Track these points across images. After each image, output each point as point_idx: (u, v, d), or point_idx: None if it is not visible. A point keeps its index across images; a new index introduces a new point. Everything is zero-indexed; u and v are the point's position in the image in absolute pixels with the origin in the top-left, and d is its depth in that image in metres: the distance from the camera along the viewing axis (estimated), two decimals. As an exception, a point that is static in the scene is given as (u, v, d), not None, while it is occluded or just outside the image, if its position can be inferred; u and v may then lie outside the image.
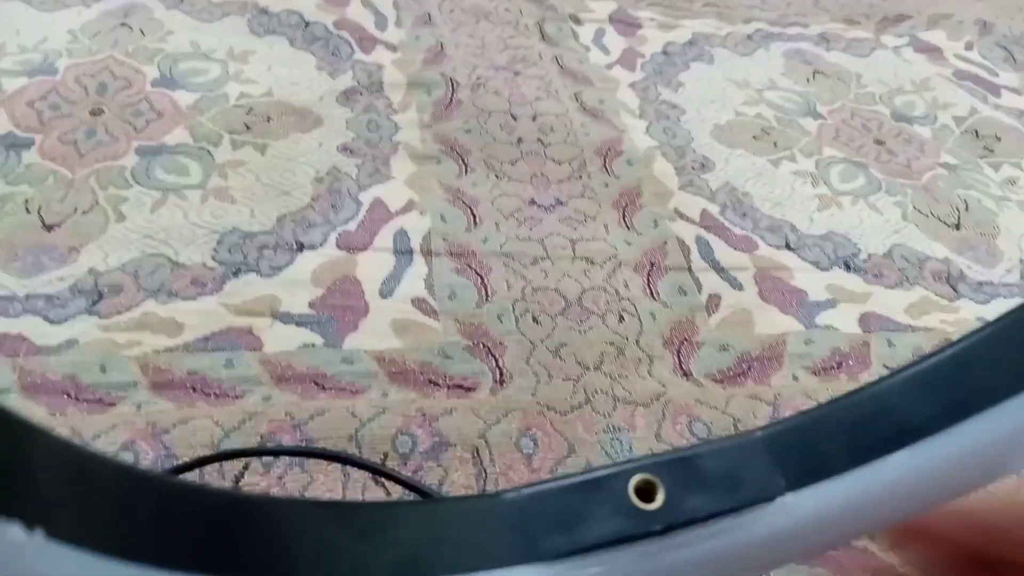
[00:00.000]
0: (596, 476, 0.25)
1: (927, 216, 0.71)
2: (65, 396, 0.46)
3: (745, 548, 0.25)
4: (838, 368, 0.56)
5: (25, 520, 0.17)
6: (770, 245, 0.65)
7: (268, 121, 0.69)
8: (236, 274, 0.56)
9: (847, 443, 0.27)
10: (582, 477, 0.25)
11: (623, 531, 0.24)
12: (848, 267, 0.64)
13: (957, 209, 0.72)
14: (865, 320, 0.60)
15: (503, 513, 0.25)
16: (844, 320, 0.60)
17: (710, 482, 0.25)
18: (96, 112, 0.66)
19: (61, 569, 0.18)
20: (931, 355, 0.28)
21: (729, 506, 0.25)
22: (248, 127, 0.68)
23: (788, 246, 0.65)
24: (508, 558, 0.24)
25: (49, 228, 0.56)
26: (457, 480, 0.46)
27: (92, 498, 0.19)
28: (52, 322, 0.50)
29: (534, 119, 0.75)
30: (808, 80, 0.87)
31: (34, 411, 0.45)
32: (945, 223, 0.71)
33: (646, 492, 0.25)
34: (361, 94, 0.75)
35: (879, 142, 0.79)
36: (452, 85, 0.78)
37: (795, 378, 0.55)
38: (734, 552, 0.23)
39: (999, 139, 0.82)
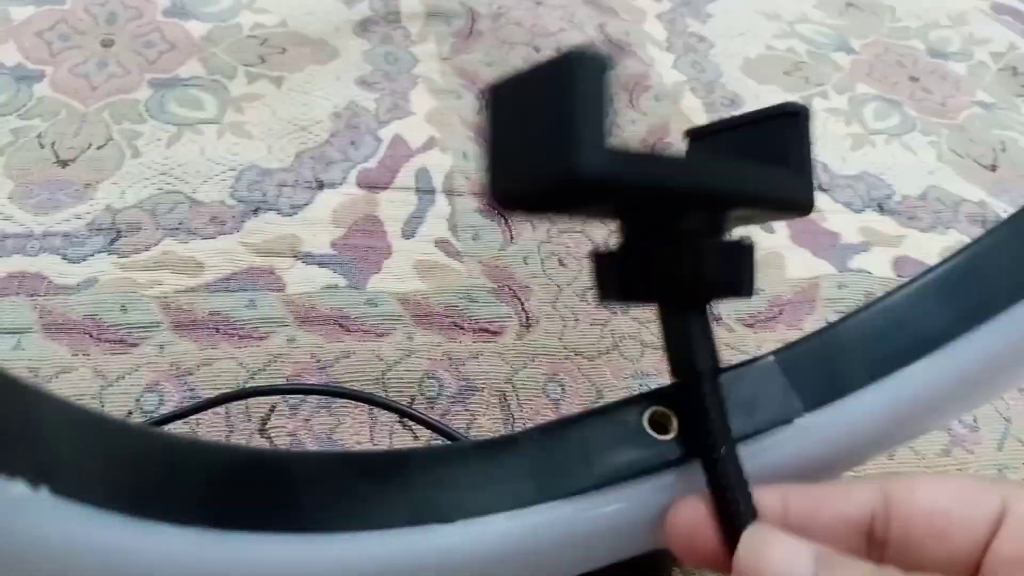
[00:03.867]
0: (610, 411, 0.25)
1: (962, 157, 0.69)
2: (87, 336, 0.46)
3: (766, 472, 0.24)
4: (870, 313, 0.55)
5: (30, 477, 0.17)
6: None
7: (283, 53, 0.67)
8: (255, 212, 0.54)
9: (863, 358, 0.26)
10: (596, 413, 0.25)
11: (640, 463, 0.24)
12: (882, 209, 0.63)
13: (994, 150, 0.70)
14: (899, 264, 0.59)
15: (519, 454, 0.24)
16: (877, 264, 0.58)
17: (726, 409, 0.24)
18: (107, 43, 0.64)
19: (67, 524, 0.17)
20: (940, 264, 0.26)
21: (746, 431, 0.24)
22: (263, 59, 0.66)
23: (820, 187, 0.64)
24: (526, 498, 0.23)
25: (64, 164, 0.55)
26: (485, 424, 0.46)
27: (96, 456, 0.19)
28: (71, 260, 0.49)
29: (557, 51, 0.72)
30: (840, 13, 0.84)
31: (56, 351, 0.45)
32: (981, 164, 0.68)
33: (660, 424, 0.24)
34: (378, 24, 0.72)
35: (913, 79, 0.77)
36: (472, 15, 0.75)
37: (828, 322, 0.54)
38: (756, 477, 0.22)
39: (1038, 76, 0.80)
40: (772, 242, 0.58)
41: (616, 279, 0.23)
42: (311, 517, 0.21)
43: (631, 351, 0.50)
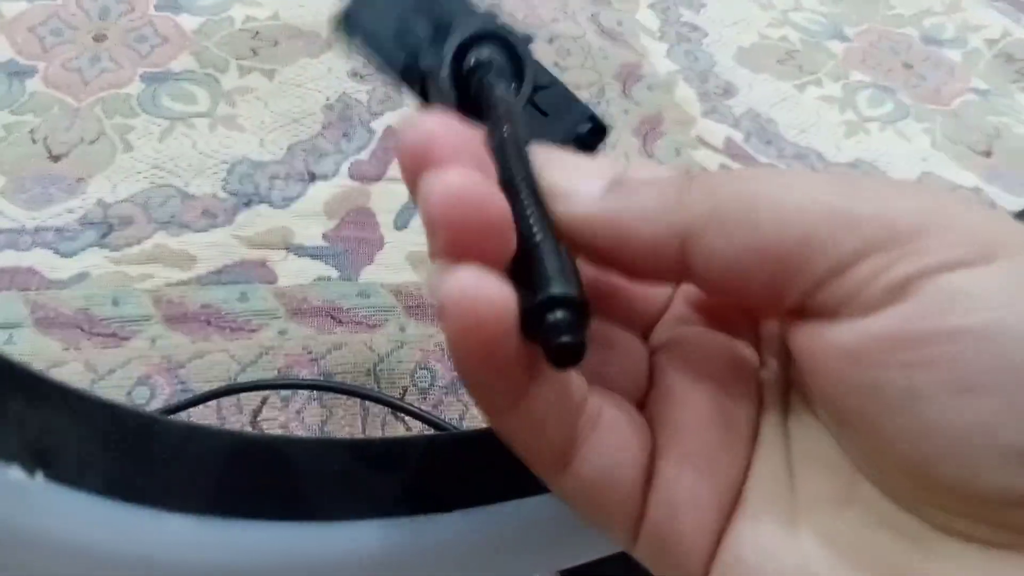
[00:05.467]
0: None
1: (956, 144, 0.69)
2: (79, 330, 0.46)
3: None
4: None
5: (25, 463, 0.17)
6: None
7: (275, 45, 0.67)
8: (247, 205, 0.54)
9: None
10: None
11: None
12: (875, 196, 0.63)
13: (988, 136, 0.70)
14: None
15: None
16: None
17: None
18: (99, 38, 0.64)
19: (61, 510, 0.17)
20: None
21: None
22: (255, 52, 0.66)
23: (813, 175, 0.64)
24: (521, 489, 0.23)
25: (56, 158, 0.55)
26: (477, 415, 0.46)
27: (93, 441, 0.19)
28: (63, 255, 0.49)
29: (551, 42, 0.72)
30: (835, 1, 0.83)
31: (48, 345, 0.45)
32: (975, 151, 0.68)
33: None
34: (371, 17, 0.72)
35: (908, 66, 0.76)
36: (465, 7, 0.75)
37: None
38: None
39: (1033, 62, 0.79)
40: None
41: None
42: (310, 506, 0.21)
43: (623, 340, 0.50)
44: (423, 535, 0.22)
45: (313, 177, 0.57)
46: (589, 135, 0.26)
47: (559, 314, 0.15)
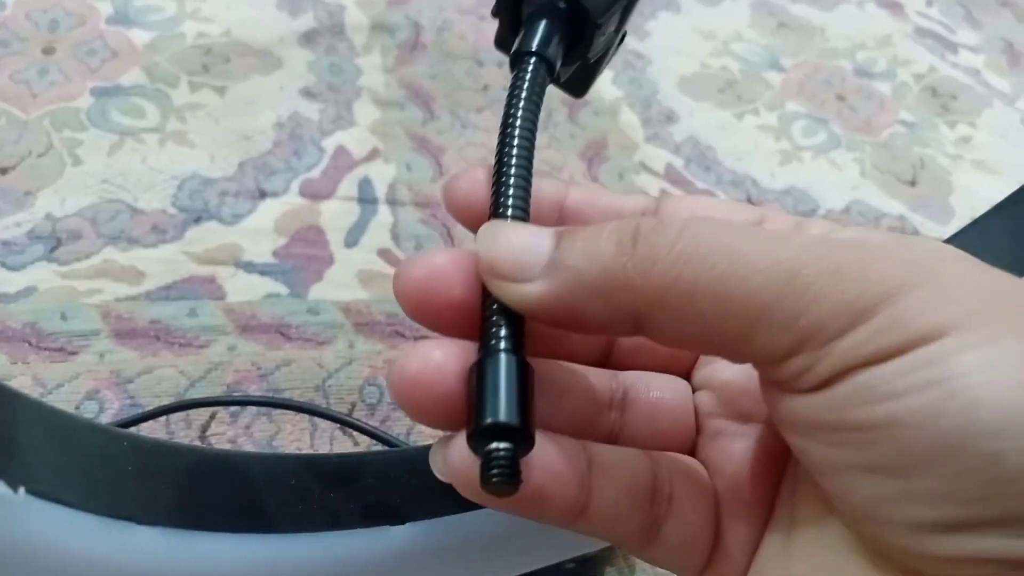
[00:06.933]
0: None
1: (884, 173, 0.72)
2: (26, 344, 0.46)
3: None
4: (794, 322, 0.58)
5: (9, 479, 0.18)
6: (732, 199, 0.66)
7: (227, 62, 0.68)
8: (197, 221, 0.55)
9: None
10: None
11: None
12: (807, 222, 0.66)
13: (913, 167, 0.74)
14: (822, 275, 0.61)
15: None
16: (801, 275, 0.61)
17: None
18: (48, 50, 0.64)
19: (43, 524, 0.18)
20: None
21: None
22: (206, 68, 0.66)
23: (749, 200, 0.66)
24: (470, 501, 0.24)
25: (3, 171, 0.54)
26: (424, 430, 0.47)
27: (72, 457, 0.20)
28: (10, 268, 0.49)
29: (500, 66, 0.74)
30: (773, 33, 0.87)
31: (-7, 359, 0.45)
32: (901, 180, 0.72)
33: None
34: (323, 35, 0.73)
35: (840, 97, 0.80)
36: (416, 28, 0.77)
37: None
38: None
39: (955, 97, 0.84)
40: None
41: None
42: (271, 518, 0.22)
43: (566, 358, 0.52)
44: (378, 545, 0.23)
45: (263, 194, 0.58)
46: None
47: (494, 445, 0.15)
